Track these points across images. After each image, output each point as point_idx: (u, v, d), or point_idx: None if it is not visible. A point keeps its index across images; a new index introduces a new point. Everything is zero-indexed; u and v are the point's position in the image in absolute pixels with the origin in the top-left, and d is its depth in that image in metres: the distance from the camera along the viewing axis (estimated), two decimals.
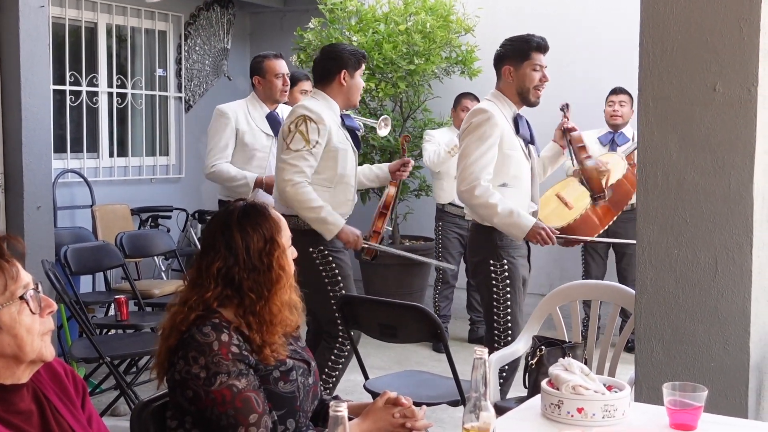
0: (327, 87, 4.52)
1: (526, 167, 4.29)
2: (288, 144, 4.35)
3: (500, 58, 4.30)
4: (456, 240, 6.74)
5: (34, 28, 5.31)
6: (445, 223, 6.76)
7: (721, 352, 2.96)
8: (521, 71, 4.23)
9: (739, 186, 2.90)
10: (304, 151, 4.34)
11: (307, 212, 4.35)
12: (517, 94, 4.27)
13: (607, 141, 6.58)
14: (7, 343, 1.87)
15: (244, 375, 2.32)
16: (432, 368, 5.30)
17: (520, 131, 4.27)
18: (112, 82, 7.90)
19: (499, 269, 4.19)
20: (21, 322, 1.89)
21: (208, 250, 2.44)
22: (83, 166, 7.60)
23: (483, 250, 4.26)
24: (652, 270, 3.07)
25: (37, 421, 1.94)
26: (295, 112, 4.43)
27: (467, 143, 4.20)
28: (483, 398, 2.00)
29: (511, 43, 4.29)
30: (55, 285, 4.74)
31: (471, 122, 4.22)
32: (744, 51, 2.87)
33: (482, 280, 4.28)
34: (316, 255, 4.43)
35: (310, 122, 4.36)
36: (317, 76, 4.59)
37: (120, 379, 4.81)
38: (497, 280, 4.19)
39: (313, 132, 4.34)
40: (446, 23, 7.07)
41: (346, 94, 4.55)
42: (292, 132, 4.35)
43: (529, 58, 4.22)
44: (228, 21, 8.93)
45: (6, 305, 1.87)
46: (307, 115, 4.37)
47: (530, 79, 4.23)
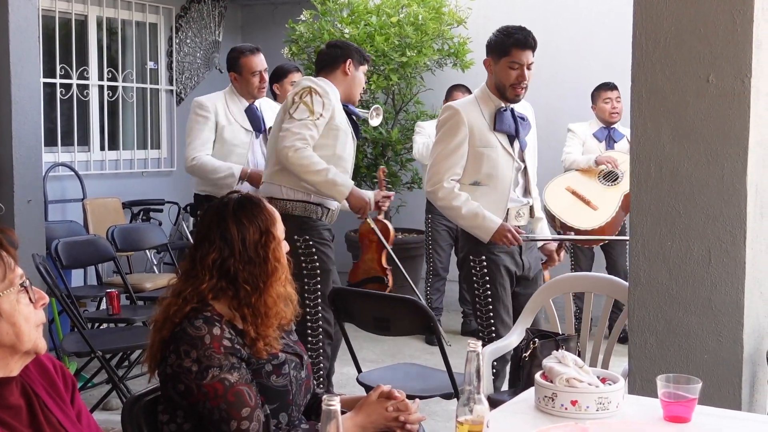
0: (330, 74, 4.49)
1: (505, 164, 4.13)
2: (291, 113, 4.30)
3: (486, 49, 4.18)
4: (445, 232, 6.74)
5: (24, 21, 5.28)
6: (434, 215, 6.74)
7: (714, 344, 2.96)
8: (498, 66, 4.09)
9: (732, 177, 2.90)
10: (307, 120, 4.28)
11: (312, 176, 4.27)
12: (495, 88, 4.14)
13: (603, 137, 6.53)
14: (6, 331, 1.87)
15: (236, 369, 2.31)
16: (425, 361, 5.30)
17: (497, 126, 4.11)
18: (102, 74, 7.86)
19: (478, 265, 4.14)
20: (20, 311, 1.90)
21: (203, 241, 2.43)
22: (74, 160, 7.57)
23: (465, 246, 4.24)
24: (645, 262, 3.06)
25: (26, 416, 1.93)
26: (301, 84, 4.41)
27: (435, 143, 4.20)
28: (476, 391, 1.99)
29: (496, 35, 4.15)
30: (46, 279, 4.72)
31: (438, 121, 4.22)
32: (737, 42, 2.86)
33: (465, 276, 4.28)
34: (300, 243, 4.36)
35: (315, 94, 4.33)
36: (321, 63, 4.55)
37: (112, 373, 4.80)
38: (477, 276, 4.15)
39: (317, 104, 4.30)
40: (438, 15, 7.05)
41: (348, 84, 4.52)
42: (296, 103, 4.31)
43: (507, 55, 4.05)
44: (219, 13, 8.90)
45: (5, 293, 1.88)
46: (313, 87, 4.34)
47: (506, 76, 4.07)
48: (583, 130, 6.58)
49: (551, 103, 6.93)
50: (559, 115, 6.99)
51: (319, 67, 4.57)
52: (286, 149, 4.24)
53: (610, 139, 6.49)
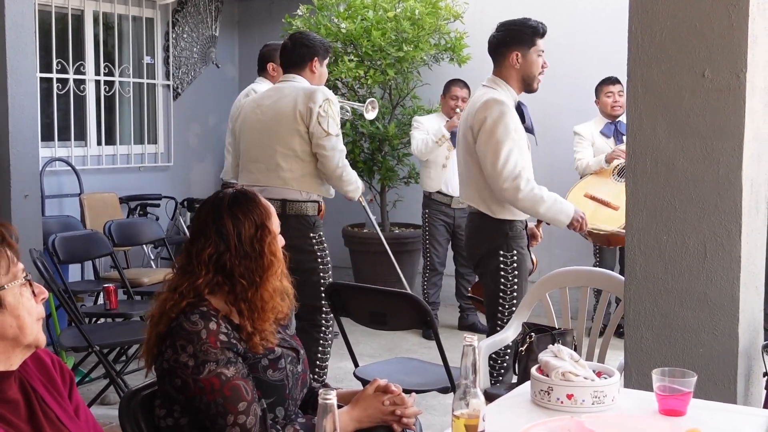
0: (300, 72, 4.63)
1: (529, 158, 4.18)
2: (328, 129, 4.43)
3: (504, 42, 4.15)
4: (443, 227, 6.74)
5: (20, 15, 5.28)
6: (431, 210, 6.75)
7: (710, 338, 2.97)
8: (529, 57, 4.13)
9: (728, 172, 2.90)
10: (340, 132, 4.51)
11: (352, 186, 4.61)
12: (522, 80, 4.17)
13: (610, 132, 6.51)
14: (9, 324, 1.90)
15: (233, 363, 2.31)
16: (422, 355, 5.31)
17: (526, 122, 4.20)
18: (99, 69, 7.85)
19: (509, 260, 4.13)
20: (23, 304, 1.92)
21: (199, 236, 2.44)
22: (71, 155, 7.57)
23: (492, 241, 4.17)
24: (641, 256, 3.07)
25: (24, 411, 1.94)
26: (317, 96, 4.45)
27: (495, 139, 4.02)
28: (473, 385, 2.00)
29: (516, 27, 4.16)
30: (44, 274, 4.73)
31: (490, 115, 4.04)
32: (733, 37, 2.87)
33: (490, 271, 4.19)
34: (316, 240, 4.51)
35: (332, 104, 4.48)
36: (290, 62, 4.66)
37: (109, 367, 4.80)
38: (506, 271, 4.13)
39: (336, 112, 4.50)
40: (435, 10, 7.05)
41: (316, 81, 4.68)
42: (324, 116, 4.42)
43: (535, 44, 4.14)
44: (216, 8, 8.88)
45: (9, 286, 1.90)
46: (329, 98, 4.48)
47: (536, 65, 4.15)
48: (589, 130, 6.56)
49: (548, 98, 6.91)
50: (556, 110, 7.00)
51: (287, 64, 4.69)
52: (339, 170, 4.50)
53: (618, 133, 6.45)
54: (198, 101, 8.77)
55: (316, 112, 4.41)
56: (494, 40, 4.23)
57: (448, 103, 6.71)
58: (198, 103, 8.77)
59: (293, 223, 4.45)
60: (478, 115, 4.09)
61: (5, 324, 1.89)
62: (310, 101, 4.43)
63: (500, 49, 4.19)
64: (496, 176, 4.03)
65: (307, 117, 4.42)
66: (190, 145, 8.76)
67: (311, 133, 4.44)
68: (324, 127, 4.41)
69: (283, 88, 4.59)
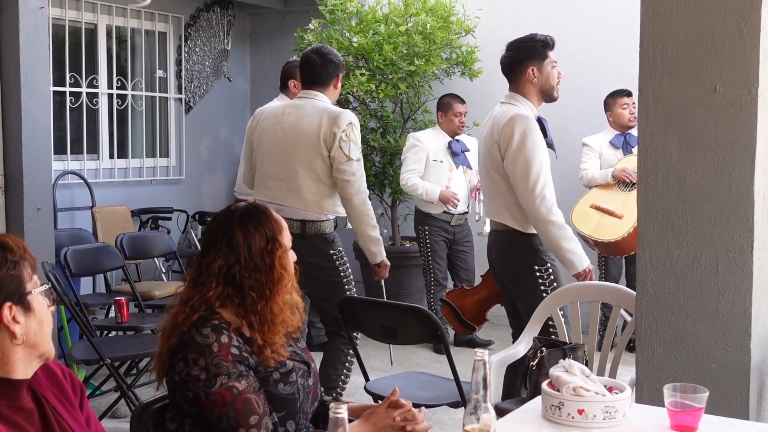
0: (325, 90, 4.57)
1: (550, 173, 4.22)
2: (349, 155, 4.40)
3: (517, 60, 4.22)
4: (443, 242, 6.74)
5: (34, 29, 5.31)
6: (431, 227, 6.72)
7: (722, 354, 2.96)
8: (544, 70, 4.20)
9: (739, 187, 2.90)
10: (360, 157, 4.48)
11: (369, 229, 4.56)
12: (541, 92, 4.24)
13: (620, 144, 6.51)
14: (34, 329, 1.94)
15: (244, 376, 2.31)
16: (432, 369, 5.30)
17: (547, 136, 4.22)
18: (112, 83, 7.89)
19: (545, 273, 4.13)
20: (45, 311, 1.98)
21: (210, 248, 2.45)
22: (83, 168, 7.60)
23: (524, 257, 4.17)
24: (652, 271, 3.06)
25: (38, 420, 1.96)
26: (341, 120, 4.41)
27: (524, 155, 4.04)
28: (483, 400, 2.00)
29: (526, 44, 4.24)
30: (55, 287, 4.74)
31: (518, 130, 4.06)
32: (744, 52, 2.87)
33: (526, 287, 4.18)
34: (336, 257, 4.52)
35: (354, 128, 4.46)
36: (316, 78, 4.56)
37: (120, 380, 4.81)
38: (545, 285, 4.12)
39: (358, 137, 4.48)
40: (446, 24, 7.06)
41: (334, 97, 4.67)
42: (346, 141, 4.39)
43: (547, 57, 4.22)
44: (228, 22, 8.92)
45: (35, 291, 1.96)
46: (352, 122, 4.45)
47: (553, 76, 4.23)
48: (598, 142, 6.57)
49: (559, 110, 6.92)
50: (566, 121, 6.99)
51: (311, 80, 4.58)
52: (359, 194, 4.46)
53: (627, 145, 6.46)
54: (210, 115, 8.80)
55: (339, 137, 4.38)
56: (507, 59, 4.28)
57: (453, 122, 6.66)
58: (210, 116, 8.80)
59: (314, 242, 4.47)
60: (505, 131, 4.11)
61: (30, 329, 1.94)
62: (335, 125, 4.39)
63: (515, 67, 4.24)
64: (527, 195, 4.06)
65: (330, 141, 4.39)
66: (201, 159, 8.78)
67: (332, 157, 4.41)
68: (345, 152, 4.38)
69: (305, 107, 4.52)
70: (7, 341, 1.91)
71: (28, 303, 1.93)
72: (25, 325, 1.92)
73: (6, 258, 1.92)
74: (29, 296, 1.94)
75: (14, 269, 1.93)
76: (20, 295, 1.92)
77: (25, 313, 1.93)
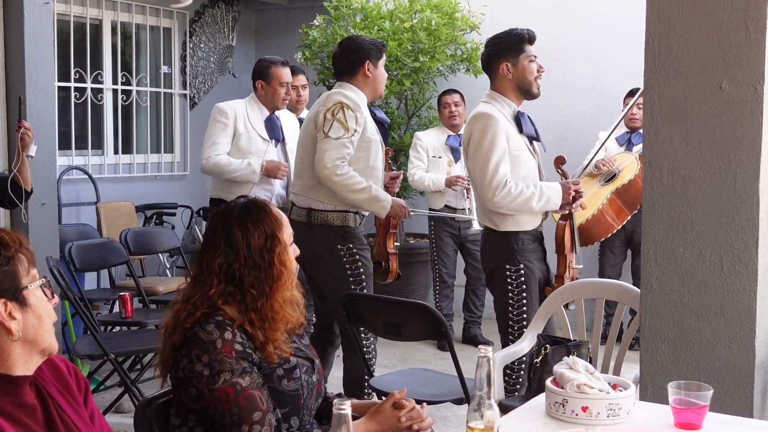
0: (353, 79, 4.47)
1: (533, 166, 4.23)
2: (326, 132, 4.29)
3: (493, 56, 4.22)
4: (449, 238, 6.74)
5: (39, 25, 5.32)
6: (437, 222, 6.75)
7: (726, 351, 2.95)
8: (519, 65, 4.16)
9: (745, 184, 2.89)
10: (344, 138, 4.28)
11: (357, 194, 4.32)
12: (518, 89, 4.20)
13: (623, 141, 6.54)
14: (32, 324, 1.93)
15: (248, 373, 2.31)
16: (436, 366, 5.30)
17: (524, 129, 4.20)
18: (116, 79, 7.89)
19: (514, 274, 4.13)
20: (44, 306, 1.97)
21: (210, 246, 2.44)
22: (88, 163, 7.60)
23: (498, 255, 4.19)
24: (657, 269, 3.06)
25: (41, 416, 1.96)
26: (332, 99, 4.35)
27: (482, 152, 4.07)
28: (487, 397, 1.99)
29: (501, 39, 4.22)
30: (60, 282, 4.74)
31: (476, 129, 4.12)
32: (750, 49, 2.86)
33: (497, 285, 4.21)
34: (344, 252, 4.42)
35: (347, 109, 4.31)
36: (340, 69, 4.53)
37: (124, 376, 4.81)
38: (512, 285, 4.13)
39: (351, 119, 4.30)
40: (451, 21, 7.06)
41: (372, 84, 4.50)
42: (329, 120, 4.29)
43: (524, 51, 4.17)
44: (233, 18, 8.92)
45: (31, 287, 1.94)
46: (344, 102, 4.32)
47: (530, 71, 4.17)
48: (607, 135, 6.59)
49: (563, 108, 6.94)
50: (570, 120, 6.99)
51: (339, 72, 4.55)
52: (328, 171, 4.26)
53: (630, 143, 6.50)
54: None
55: (322, 116, 4.32)
56: (484, 56, 4.30)
57: (443, 113, 6.73)
58: None
59: (319, 232, 4.40)
60: (466, 131, 4.22)
61: (28, 324, 1.93)
62: (322, 105, 4.37)
63: (490, 64, 4.24)
64: (485, 188, 4.08)
65: (316, 123, 4.35)
66: None
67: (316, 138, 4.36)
68: (324, 130, 4.29)
69: (321, 99, 4.53)
70: (4, 337, 1.91)
71: (24, 298, 1.92)
72: (22, 321, 1.91)
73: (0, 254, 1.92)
74: (25, 291, 1.93)
75: (8, 265, 1.91)
76: (15, 291, 1.91)
77: (21, 309, 1.92)
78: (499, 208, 4.10)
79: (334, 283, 4.39)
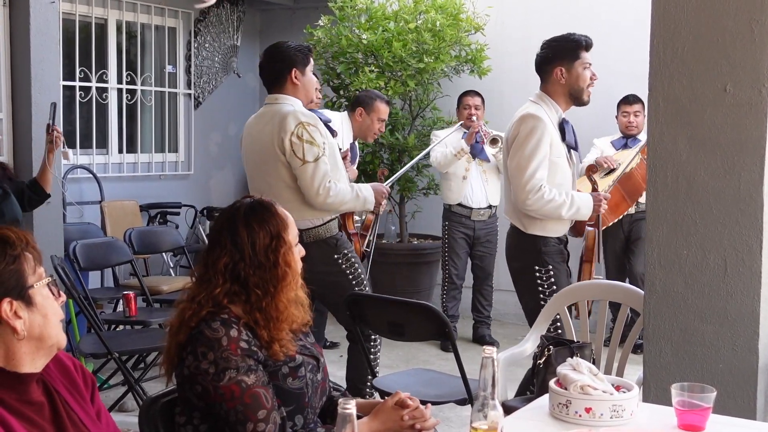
0: (283, 89, 4.37)
1: (569, 174, 4.23)
2: (303, 158, 4.18)
3: (548, 59, 4.21)
4: (463, 240, 6.73)
5: (45, 24, 5.34)
6: (452, 222, 6.75)
7: (729, 354, 2.96)
8: (574, 71, 4.17)
9: (749, 187, 2.90)
10: (321, 156, 4.21)
11: (348, 204, 4.38)
12: (569, 94, 4.21)
13: (620, 145, 6.55)
14: (38, 323, 1.94)
15: (253, 371, 2.32)
16: (439, 367, 5.30)
17: (566, 138, 4.21)
18: (121, 78, 7.91)
19: (544, 275, 4.13)
20: (50, 304, 1.97)
21: (215, 245, 2.45)
22: (92, 162, 7.61)
23: (526, 256, 4.19)
24: (661, 271, 3.06)
25: (49, 413, 1.96)
26: (288, 121, 4.20)
27: (523, 154, 4.06)
28: (491, 397, 2.00)
29: (558, 43, 4.22)
30: (64, 280, 4.76)
31: (523, 128, 4.10)
32: (755, 52, 2.86)
33: (526, 287, 4.21)
34: (342, 260, 4.43)
35: (308, 126, 4.21)
36: (269, 80, 4.42)
37: (128, 374, 4.82)
38: (543, 287, 4.12)
39: (315, 133, 4.21)
40: (456, 22, 7.06)
41: (302, 91, 4.40)
42: (297, 144, 4.17)
43: (579, 58, 4.17)
44: (238, 18, 8.93)
45: (37, 285, 1.95)
46: (302, 121, 4.20)
47: (583, 78, 4.18)
48: (603, 144, 6.64)
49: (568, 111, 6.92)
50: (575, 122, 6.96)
51: (269, 85, 4.43)
52: (321, 197, 4.23)
53: (626, 147, 6.50)
54: (219, 110, 8.81)
55: (289, 141, 4.18)
56: (538, 57, 4.28)
57: (463, 114, 6.73)
58: (219, 112, 8.81)
59: (314, 250, 4.25)
60: (512, 129, 4.18)
61: (34, 322, 1.93)
62: (282, 131, 4.21)
63: (545, 66, 4.24)
64: (520, 189, 4.08)
65: (282, 148, 4.22)
66: (210, 154, 8.79)
67: (290, 164, 4.24)
68: (299, 156, 4.18)
69: (265, 114, 4.39)
70: (10, 336, 1.91)
71: (29, 297, 1.93)
72: (28, 319, 1.92)
73: (5, 252, 1.92)
74: (31, 290, 1.93)
75: (13, 264, 1.92)
76: (20, 290, 1.92)
77: (27, 308, 1.92)
78: (530, 211, 4.11)
79: (339, 290, 4.34)
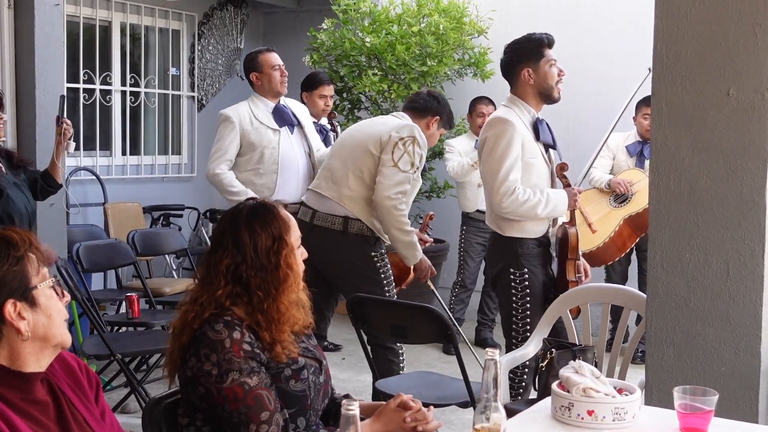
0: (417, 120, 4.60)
1: (545, 174, 4.21)
2: (396, 161, 4.39)
3: (513, 62, 4.21)
4: (479, 245, 6.75)
5: (49, 26, 5.34)
6: (468, 227, 6.82)
7: (732, 357, 2.96)
8: (540, 70, 4.16)
9: (751, 191, 2.90)
10: (409, 173, 4.42)
11: (402, 234, 4.48)
12: (539, 94, 4.19)
13: (635, 152, 6.40)
14: (42, 323, 1.94)
15: (256, 372, 2.33)
16: (442, 369, 5.30)
17: (541, 137, 4.19)
18: (125, 80, 7.92)
19: (518, 278, 4.12)
20: (53, 304, 1.97)
21: (217, 247, 2.46)
22: (96, 164, 7.63)
23: (503, 259, 4.19)
24: (663, 274, 3.06)
25: (53, 412, 1.97)
26: (407, 130, 4.45)
27: (494, 157, 4.07)
28: (494, 400, 2.00)
29: (521, 45, 4.22)
30: (67, 282, 4.76)
31: (492, 133, 4.11)
32: (758, 56, 2.87)
33: (501, 290, 4.21)
34: (378, 258, 4.53)
35: (417, 146, 4.43)
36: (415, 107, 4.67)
37: (131, 376, 4.83)
38: (516, 290, 4.12)
39: (417, 156, 4.44)
40: (459, 25, 7.07)
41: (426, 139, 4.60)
42: (400, 149, 4.40)
43: (544, 56, 4.16)
44: (241, 21, 8.95)
45: (41, 286, 1.95)
46: (417, 139, 4.44)
47: (551, 75, 4.17)
48: (617, 143, 6.46)
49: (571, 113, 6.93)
50: (579, 126, 6.98)
51: (411, 108, 4.67)
52: (391, 202, 4.39)
53: (642, 156, 6.36)
54: None
55: (394, 141, 4.40)
56: (503, 62, 4.29)
57: (476, 122, 6.70)
58: None
59: (354, 241, 4.50)
60: (482, 135, 4.22)
61: (38, 323, 1.94)
62: (395, 130, 4.45)
63: (511, 70, 4.24)
64: (494, 193, 4.08)
65: (385, 144, 4.42)
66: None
67: (381, 159, 4.42)
68: (394, 158, 4.39)
69: (389, 120, 4.63)
70: (14, 336, 1.92)
71: (33, 298, 1.93)
72: (32, 320, 1.92)
73: (9, 254, 1.92)
74: (35, 291, 1.93)
75: (17, 265, 1.92)
76: (24, 291, 1.92)
77: (31, 308, 1.92)
78: (506, 213, 4.10)
79: (371, 287, 4.43)
